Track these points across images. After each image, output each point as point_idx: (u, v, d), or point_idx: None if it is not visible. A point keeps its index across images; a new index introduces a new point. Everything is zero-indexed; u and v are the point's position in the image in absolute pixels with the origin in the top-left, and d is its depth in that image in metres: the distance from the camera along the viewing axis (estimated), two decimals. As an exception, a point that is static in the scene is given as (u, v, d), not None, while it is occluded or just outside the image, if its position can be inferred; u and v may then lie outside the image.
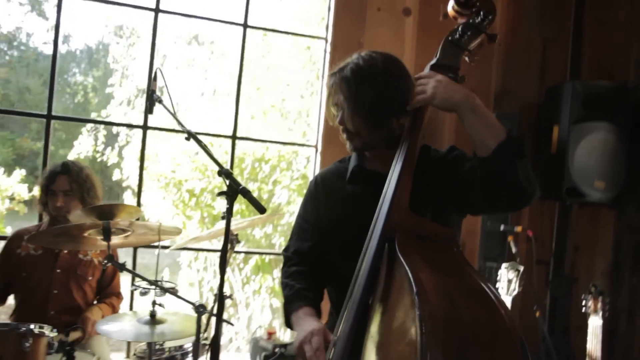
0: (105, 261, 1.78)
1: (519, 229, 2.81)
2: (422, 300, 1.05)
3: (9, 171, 5.73)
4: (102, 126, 5.85)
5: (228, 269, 4.64)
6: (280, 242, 4.52)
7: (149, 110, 2.03)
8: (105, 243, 1.82)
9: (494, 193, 1.32)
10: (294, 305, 1.47)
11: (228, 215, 1.57)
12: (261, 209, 1.52)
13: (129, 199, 5.47)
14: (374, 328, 1.23)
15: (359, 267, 1.32)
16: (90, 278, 2.38)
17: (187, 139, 1.79)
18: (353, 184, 1.55)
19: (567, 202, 2.96)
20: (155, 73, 2.03)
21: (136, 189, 4.92)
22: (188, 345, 2.16)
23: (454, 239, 1.31)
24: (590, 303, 2.38)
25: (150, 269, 2.71)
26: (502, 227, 2.83)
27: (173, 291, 1.86)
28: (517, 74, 3.38)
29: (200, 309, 1.77)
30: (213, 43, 5.61)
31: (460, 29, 1.47)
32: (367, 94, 1.42)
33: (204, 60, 5.40)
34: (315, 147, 3.25)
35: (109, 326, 1.90)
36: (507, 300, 2.56)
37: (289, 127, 4.79)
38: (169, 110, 1.91)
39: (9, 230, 5.51)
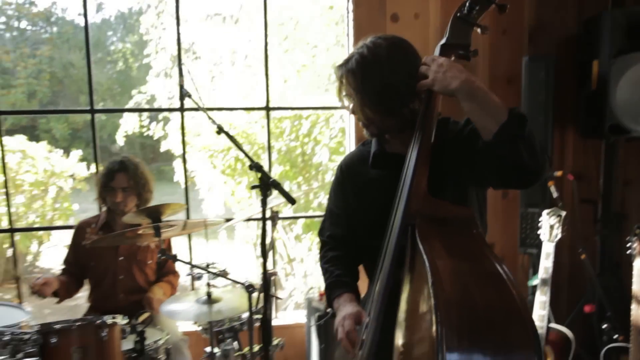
0: (160, 255, 1.96)
1: (559, 173, 2.78)
2: (437, 290, 1.13)
3: (67, 151, 6.09)
4: (144, 102, 6.05)
5: (280, 227, 4.84)
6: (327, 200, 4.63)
7: (181, 105, 2.14)
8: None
9: (500, 174, 1.34)
10: (335, 292, 1.60)
11: (263, 206, 1.68)
12: (291, 201, 1.62)
13: (179, 166, 5.69)
14: (401, 312, 1.32)
15: (384, 251, 1.40)
16: (149, 262, 2.60)
17: (218, 132, 1.88)
18: (375, 168, 1.60)
19: (610, 140, 2.88)
20: (181, 68, 2.12)
21: (181, 160, 5.14)
22: (245, 315, 2.34)
23: (473, 220, 1.34)
24: (636, 245, 2.37)
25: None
26: (542, 173, 2.80)
27: (223, 273, 2.02)
28: (553, 5, 3.21)
29: (249, 288, 1.93)
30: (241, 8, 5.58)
31: (468, 3, 1.43)
32: (373, 85, 1.43)
33: (232, 24, 5.40)
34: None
35: (172, 307, 2.10)
36: (550, 247, 2.59)
37: (324, 83, 4.78)
38: (198, 106, 2.01)
39: (75, 207, 5.94)
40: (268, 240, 2.35)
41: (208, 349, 2.19)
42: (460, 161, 1.45)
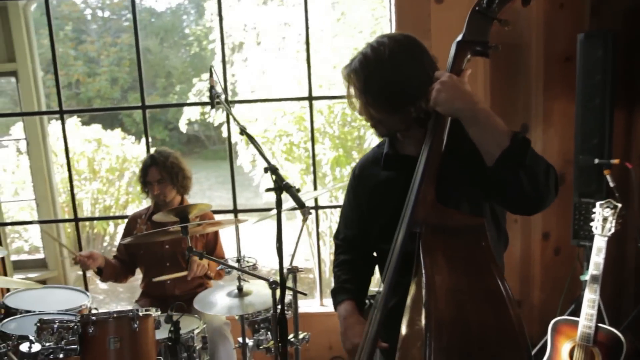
0: (188, 252, 2.06)
1: (616, 161, 2.56)
2: (430, 308, 1.12)
3: (138, 138, 6.47)
4: (204, 89, 6.24)
5: (328, 213, 4.87)
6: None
7: (211, 105, 2.22)
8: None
9: (501, 200, 1.34)
10: (337, 297, 1.63)
11: (278, 207, 1.71)
12: (301, 205, 1.63)
13: (242, 151, 5.83)
14: (404, 317, 1.31)
15: (389, 257, 1.38)
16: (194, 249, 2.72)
17: (241, 133, 1.93)
18: (387, 169, 1.57)
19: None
20: (211, 70, 2.19)
21: (245, 143, 5.27)
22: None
23: (483, 231, 1.27)
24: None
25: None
26: (596, 161, 2.59)
27: (251, 270, 2.08)
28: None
29: (273, 284, 1.98)
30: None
31: None
32: (376, 84, 1.40)
33: (289, 6, 5.41)
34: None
35: (204, 301, 2.21)
36: (602, 241, 2.42)
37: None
38: (226, 107, 2.07)
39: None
40: (295, 236, 2.37)
41: (240, 340, 2.29)
42: (471, 170, 1.38)
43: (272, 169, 1.71)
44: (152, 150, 2.97)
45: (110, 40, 12.77)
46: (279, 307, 1.72)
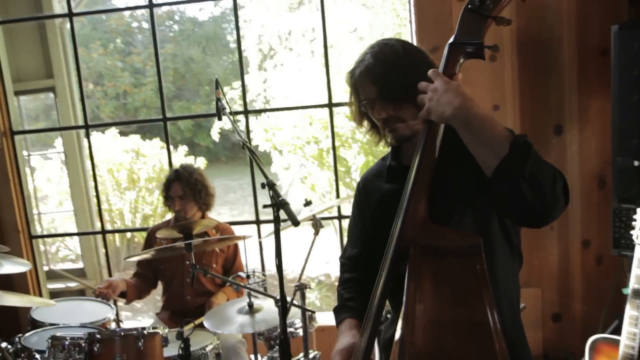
0: (192, 269, 2.03)
1: (658, 163, 2.34)
2: (406, 343, 1.03)
3: (176, 147, 6.59)
4: (237, 96, 6.28)
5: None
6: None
7: (218, 117, 2.18)
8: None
9: (505, 213, 1.23)
10: (339, 316, 1.53)
11: (276, 224, 1.65)
12: (295, 222, 1.56)
13: (276, 156, 5.82)
14: (396, 334, 1.21)
15: (377, 279, 1.29)
16: (214, 265, 2.70)
17: (243, 147, 1.89)
18: (391, 182, 1.47)
19: None
20: (216, 82, 2.15)
21: (274, 151, 5.26)
22: (297, 321, 2.33)
23: (479, 253, 1.14)
24: None
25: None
26: (636, 163, 2.38)
27: (259, 288, 2.03)
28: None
29: (278, 302, 1.91)
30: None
31: None
32: (396, 74, 1.32)
33: (315, 12, 5.37)
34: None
35: (216, 320, 2.17)
36: (643, 252, 2.20)
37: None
38: (231, 120, 2.03)
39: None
40: (323, 246, 2.29)
41: (252, 357, 2.24)
42: (475, 179, 1.24)
43: (269, 185, 1.66)
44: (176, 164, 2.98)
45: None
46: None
